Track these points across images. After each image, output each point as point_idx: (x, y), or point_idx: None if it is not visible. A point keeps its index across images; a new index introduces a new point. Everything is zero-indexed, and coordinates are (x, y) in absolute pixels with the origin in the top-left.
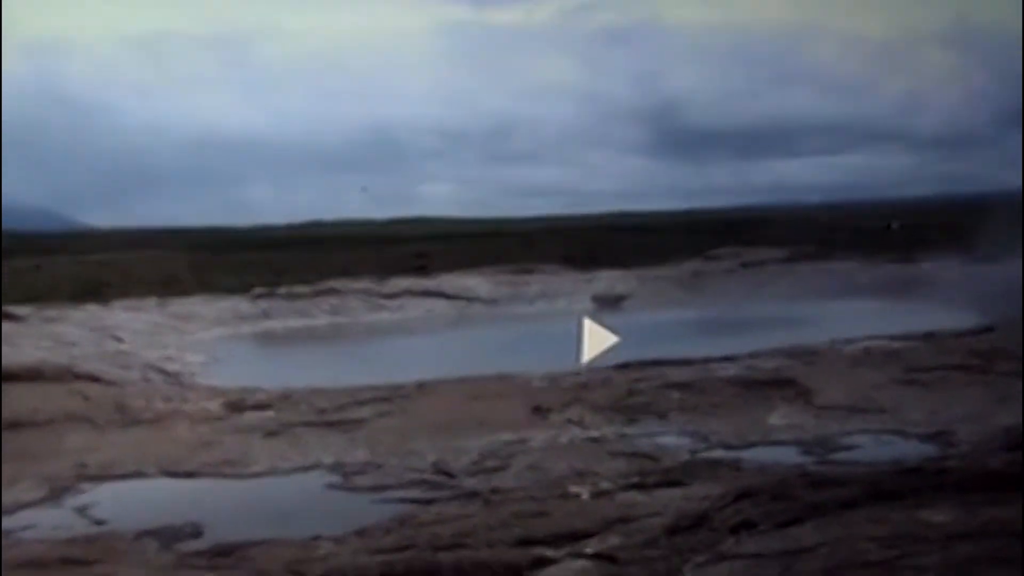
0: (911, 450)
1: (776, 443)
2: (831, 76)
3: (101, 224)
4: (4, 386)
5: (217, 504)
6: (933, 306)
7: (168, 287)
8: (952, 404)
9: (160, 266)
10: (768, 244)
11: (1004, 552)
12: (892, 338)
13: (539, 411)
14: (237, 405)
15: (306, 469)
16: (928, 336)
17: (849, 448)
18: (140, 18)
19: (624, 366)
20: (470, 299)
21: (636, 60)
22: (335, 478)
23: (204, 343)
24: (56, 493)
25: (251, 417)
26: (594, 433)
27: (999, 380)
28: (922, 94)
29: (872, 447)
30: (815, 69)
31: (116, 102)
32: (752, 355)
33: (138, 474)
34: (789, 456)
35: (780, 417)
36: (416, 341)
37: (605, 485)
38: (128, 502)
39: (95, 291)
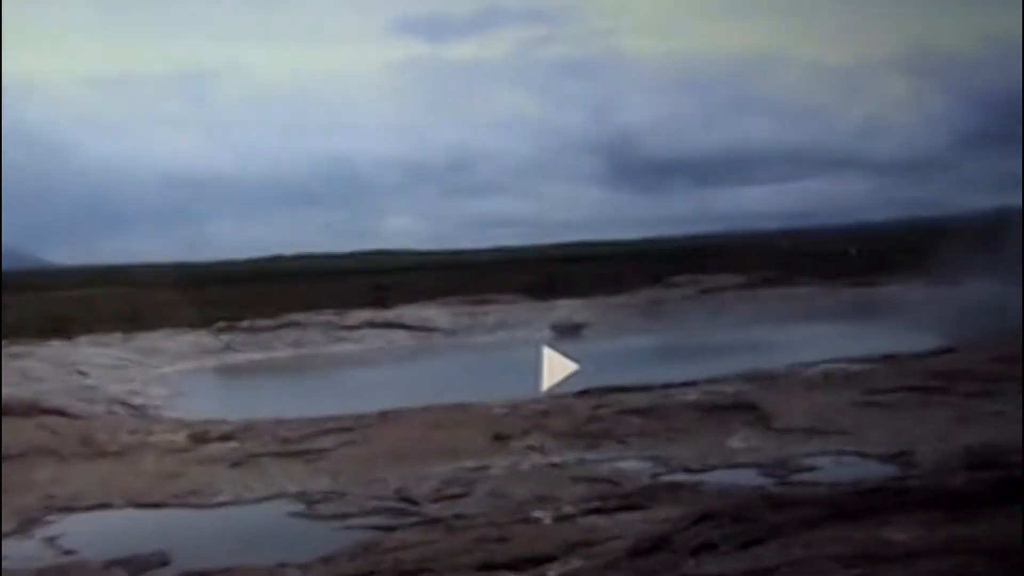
0: (872, 470)
1: (736, 466)
2: (789, 104)
3: (66, 262)
4: None
5: (183, 533)
6: (893, 329)
7: (132, 322)
8: (912, 425)
9: (124, 302)
10: (727, 271)
11: (967, 569)
12: (851, 361)
13: (500, 438)
14: (202, 437)
15: (270, 498)
16: (887, 358)
17: (809, 469)
18: (103, 59)
19: (584, 393)
20: (430, 330)
21: (593, 91)
22: (299, 507)
23: (168, 377)
24: (26, 524)
25: (215, 448)
26: (555, 459)
27: (960, 401)
28: (881, 120)
29: (832, 468)
30: (773, 97)
31: (81, 142)
32: (711, 380)
33: (105, 505)
34: (749, 478)
35: (740, 440)
36: (377, 372)
37: (567, 509)
38: (96, 532)
39: (61, 327)
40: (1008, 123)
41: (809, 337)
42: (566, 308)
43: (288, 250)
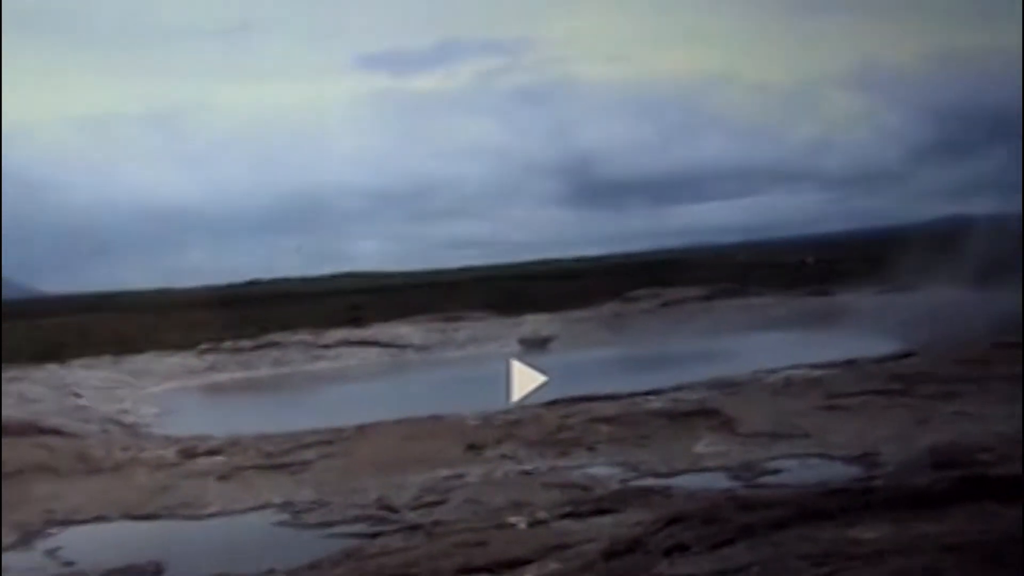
0: (837, 472)
1: (704, 470)
2: (739, 123)
3: (57, 291)
4: None
5: (176, 544)
6: (852, 335)
7: (121, 346)
8: (875, 427)
9: (113, 327)
10: (686, 284)
11: (934, 565)
12: (813, 367)
13: (474, 448)
14: (190, 452)
15: (257, 509)
16: (848, 363)
17: (775, 472)
18: (87, 101)
19: (553, 403)
20: (403, 347)
21: (551, 117)
22: (285, 516)
23: (157, 396)
24: (27, 538)
25: (204, 463)
26: (527, 467)
27: (921, 403)
28: (831, 135)
29: (798, 470)
30: (723, 117)
31: (67, 179)
32: (676, 388)
33: (101, 518)
34: (717, 482)
35: (706, 445)
36: (354, 387)
37: (541, 515)
38: (93, 544)
39: (54, 352)
40: (956, 135)
41: (769, 345)
42: (533, 323)
43: (264, 275)
